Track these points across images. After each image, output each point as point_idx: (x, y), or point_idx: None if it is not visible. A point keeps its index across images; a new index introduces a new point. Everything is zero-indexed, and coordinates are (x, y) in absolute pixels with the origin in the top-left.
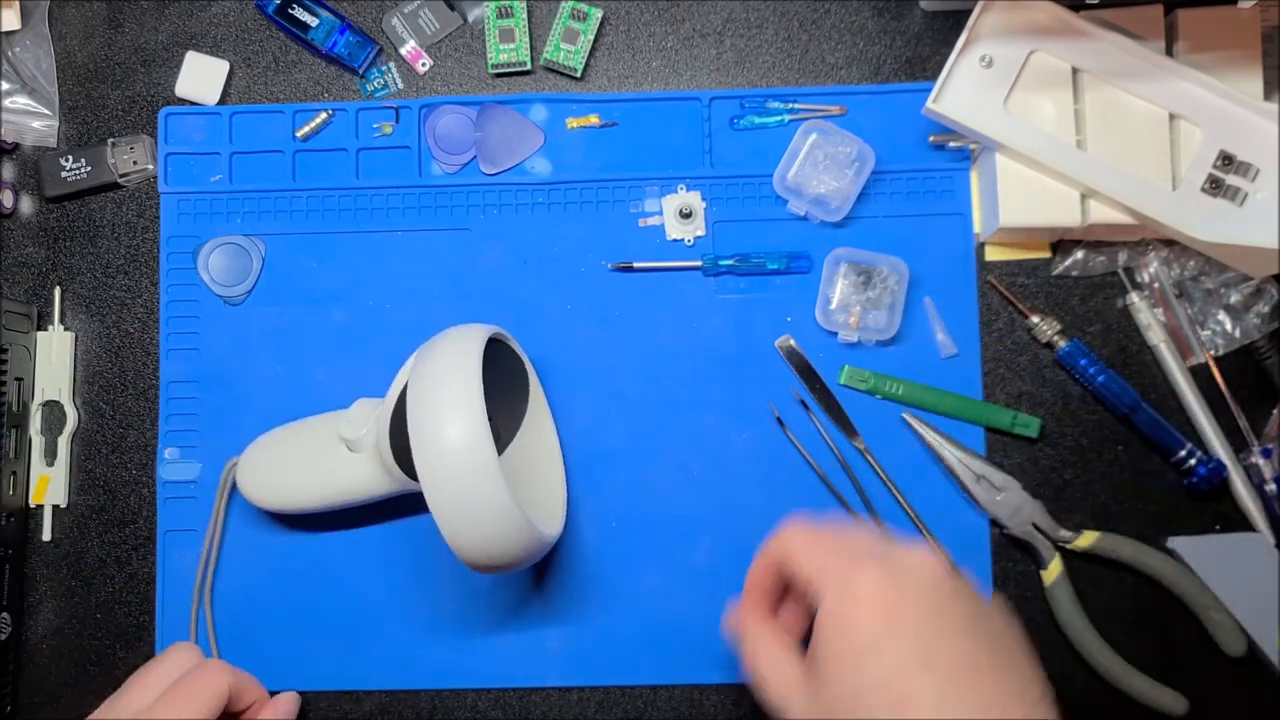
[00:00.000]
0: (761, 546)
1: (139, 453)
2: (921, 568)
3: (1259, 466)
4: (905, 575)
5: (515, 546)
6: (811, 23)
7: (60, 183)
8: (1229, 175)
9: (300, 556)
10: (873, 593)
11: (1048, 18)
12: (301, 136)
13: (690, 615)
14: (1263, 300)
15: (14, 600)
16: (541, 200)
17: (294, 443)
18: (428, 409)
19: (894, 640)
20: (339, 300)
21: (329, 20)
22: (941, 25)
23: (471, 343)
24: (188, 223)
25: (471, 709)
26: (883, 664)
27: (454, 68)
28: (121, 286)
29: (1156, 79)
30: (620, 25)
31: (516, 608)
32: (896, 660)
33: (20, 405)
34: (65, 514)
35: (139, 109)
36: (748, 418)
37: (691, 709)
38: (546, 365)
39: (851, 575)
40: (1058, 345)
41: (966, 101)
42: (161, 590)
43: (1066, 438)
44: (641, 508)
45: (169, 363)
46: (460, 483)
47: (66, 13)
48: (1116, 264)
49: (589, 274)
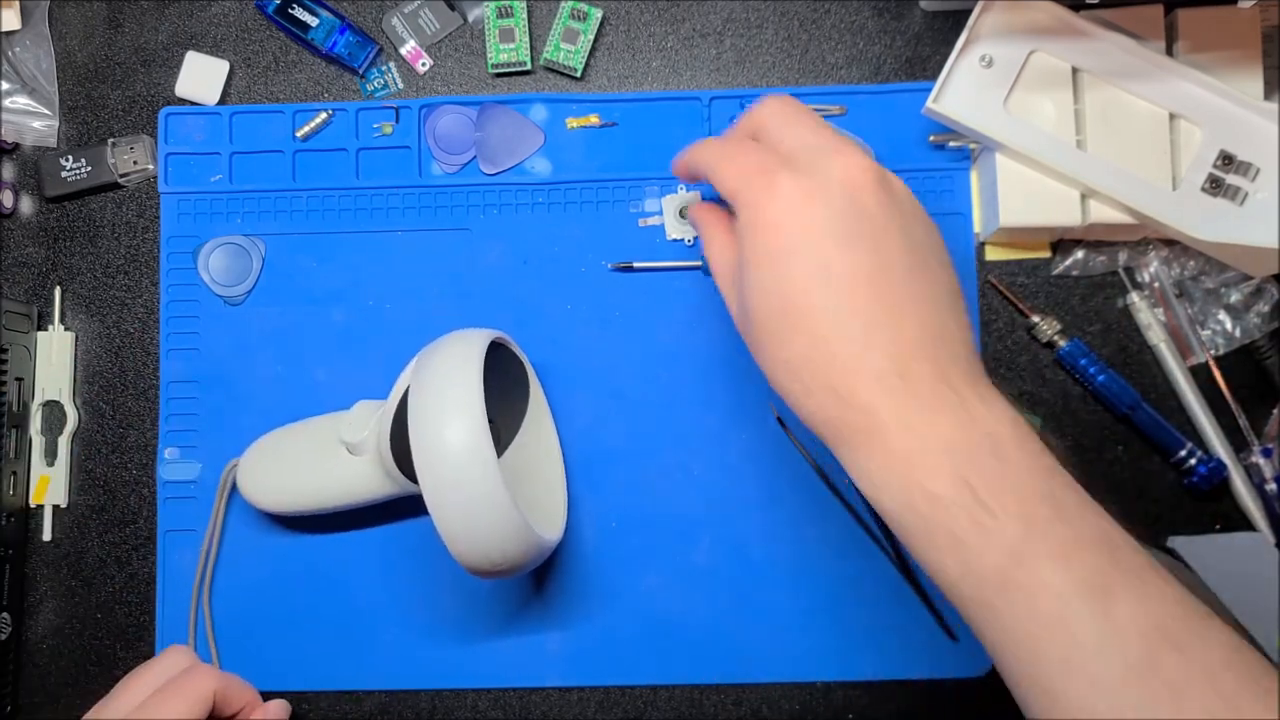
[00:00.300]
0: (684, 155)
1: (139, 453)
2: (841, 177)
3: (1259, 466)
4: (821, 185)
5: (515, 551)
6: (811, 23)
7: (60, 183)
8: (1229, 175)
9: (300, 557)
10: (782, 206)
11: (1048, 18)
12: (301, 136)
13: (690, 615)
14: (1263, 300)
15: (14, 600)
16: (541, 200)
17: (294, 444)
18: (428, 412)
19: (794, 253)
20: (339, 300)
21: (329, 20)
22: (941, 25)
23: (473, 347)
24: (188, 223)
25: (471, 709)
26: (783, 275)
27: (454, 68)
28: (121, 286)
29: (1156, 79)
30: (620, 25)
31: (516, 608)
32: (797, 271)
33: (20, 405)
34: (65, 514)
35: (139, 109)
36: (748, 418)
37: (691, 709)
38: (546, 365)
39: (765, 188)
40: (1058, 345)
41: (966, 101)
42: (161, 590)
43: (1066, 438)
44: (641, 508)
45: (169, 363)
46: (460, 486)
47: (66, 13)
48: (1116, 264)
49: (589, 274)
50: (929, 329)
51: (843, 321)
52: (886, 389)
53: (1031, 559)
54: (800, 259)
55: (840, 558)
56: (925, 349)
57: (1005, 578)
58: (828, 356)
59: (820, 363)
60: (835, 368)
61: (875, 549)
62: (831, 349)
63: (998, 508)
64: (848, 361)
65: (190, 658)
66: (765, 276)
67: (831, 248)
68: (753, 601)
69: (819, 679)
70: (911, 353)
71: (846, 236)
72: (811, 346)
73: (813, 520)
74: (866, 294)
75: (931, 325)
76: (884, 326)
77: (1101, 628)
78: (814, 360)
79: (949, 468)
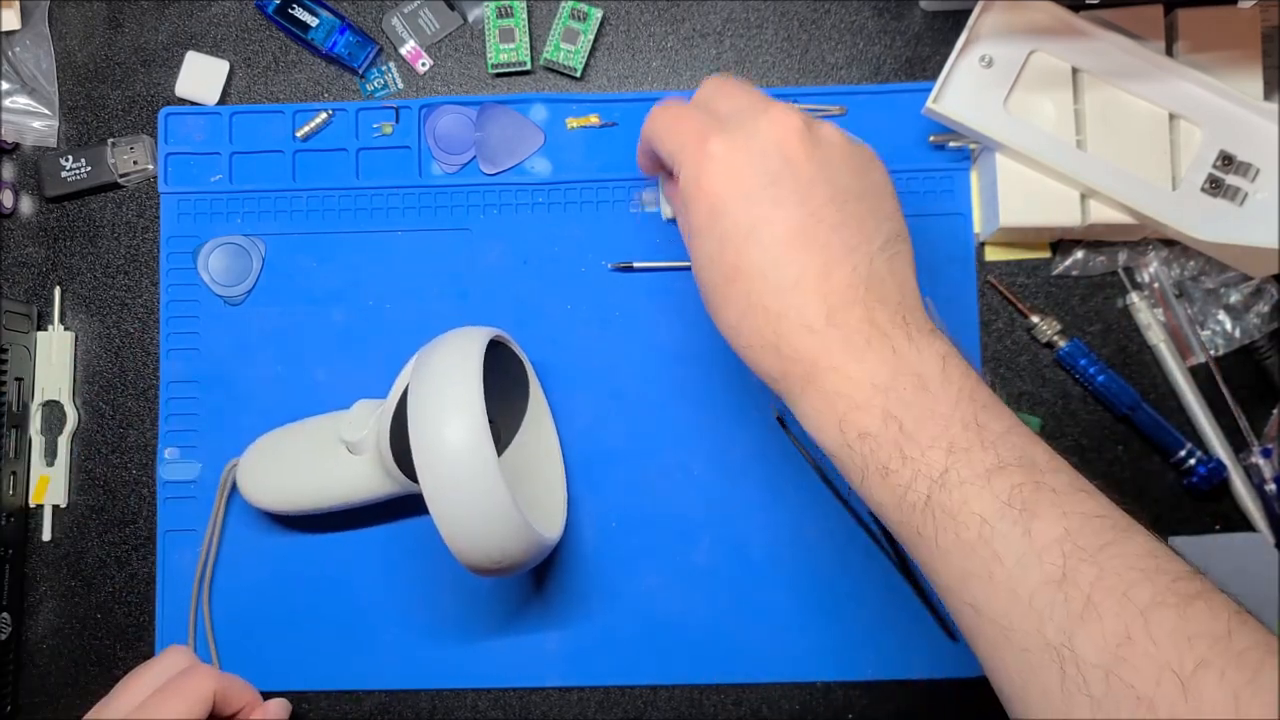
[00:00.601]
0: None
1: (139, 453)
2: (768, 133)
3: (1259, 466)
4: (748, 143)
5: (514, 549)
6: (811, 23)
7: (60, 183)
8: (1229, 175)
9: (300, 557)
10: (715, 167)
11: (1048, 18)
12: (301, 136)
13: (690, 615)
14: (1263, 300)
15: (14, 600)
16: (541, 200)
17: (294, 444)
18: (428, 410)
19: (726, 214)
20: (339, 300)
21: (329, 20)
22: (941, 25)
23: (472, 345)
24: (188, 223)
25: (471, 709)
26: (720, 238)
27: (454, 68)
28: (121, 286)
29: (1156, 79)
30: (620, 25)
31: (516, 608)
32: (730, 231)
33: (20, 405)
34: (65, 514)
35: (139, 109)
36: (748, 418)
37: (691, 709)
38: (546, 365)
39: (698, 151)
40: (1058, 345)
41: (966, 101)
42: (161, 590)
43: (1066, 438)
44: (641, 508)
45: (169, 363)
46: (460, 484)
47: (66, 13)
48: (1116, 264)
49: (589, 274)
50: (859, 275)
51: (774, 276)
52: (817, 335)
53: (955, 484)
54: (732, 219)
55: (840, 558)
56: (854, 294)
57: (932, 503)
58: (763, 312)
59: (759, 319)
60: (771, 322)
61: (875, 549)
62: (766, 304)
63: (922, 438)
64: (781, 314)
65: (190, 658)
66: (706, 241)
67: (761, 205)
68: (753, 601)
69: (819, 679)
70: (840, 299)
71: (775, 191)
72: (749, 305)
73: (813, 520)
74: (795, 247)
75: (861, 271)
76: (813, 277)
77: (1020, 544)
78: (753, 317)
79: (878, 405)
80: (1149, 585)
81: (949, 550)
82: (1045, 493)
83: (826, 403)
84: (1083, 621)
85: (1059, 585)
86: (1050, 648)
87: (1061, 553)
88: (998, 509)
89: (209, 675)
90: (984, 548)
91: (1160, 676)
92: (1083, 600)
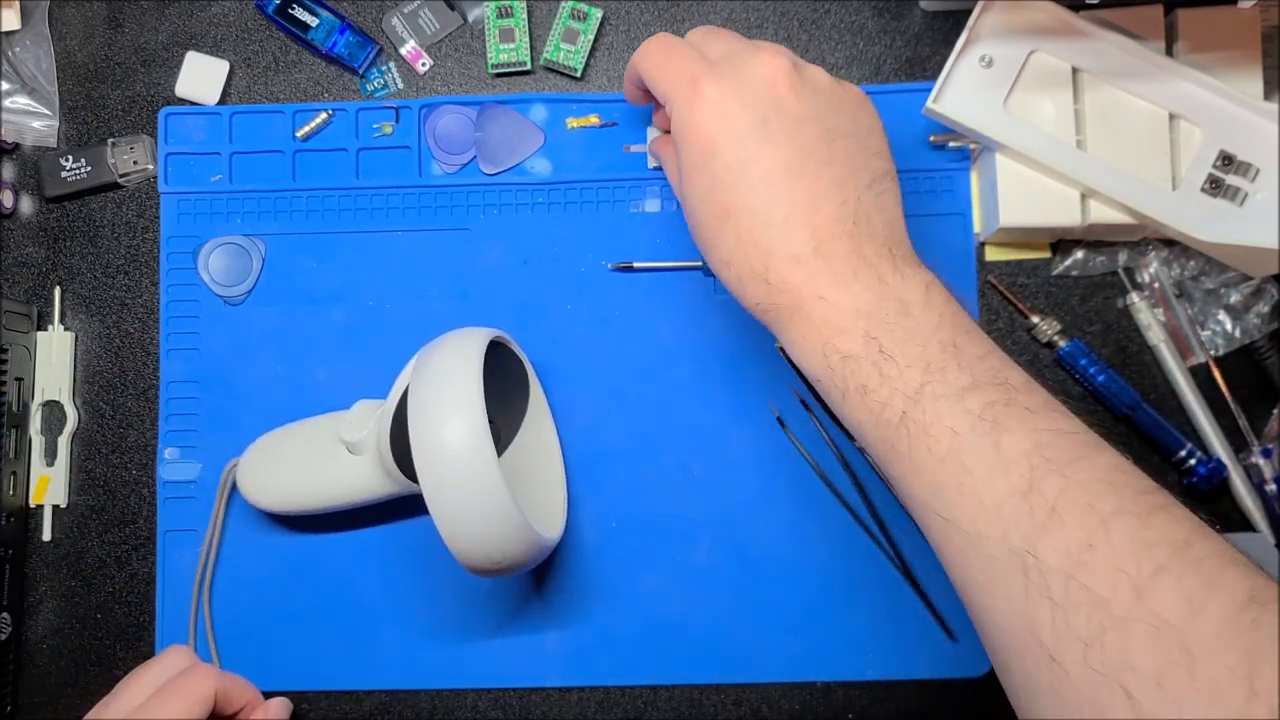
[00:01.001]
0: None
1: (139, 453)
2: (759, 74)
3: (1259, 466)
4: (739, 84)
5: (515, 549)
6: (811, 23)
7: (60, 183)
8: (1229, 175)
9: (300, 557)
10: (707, 110)
11: (1048, 18)
12: (301, 136)
13: (690, 615)
14: (1263, 300)
15: (14, 600)
16: (541, 200)
17: (294, 444)
18: (428, 410)
19: (718, 153)
20: (339, 300)
21: (329, 20)
22: (941, 25)
23: (473, 345)
24: (188, 223)
25: (471, 709)
26: (712, 176)
27: (454, 68)
28: (121, 286)
29: (1156, 79)
30: (620, 25)
31: (516, 608)
32: (721, 170)
33: (20, 405)
34: (65, 514)
35: (139, 109)
36: (748, 418)
37: (691, 709)
38: (546, 365)
39: (691, 93)
40: (1058, 345)
41: (966, 101)
42: (161, 590)
43: None
44: (641, 508)
45: (169, 363)
46: (460, 485)
47: (66, 13)
48: (1116, 264)
49: (589, 274)
50: (847, 209)
51: (764, 212)
52: (804, 267)
53: (929, 400)
54: (723, 158)
55: (840, 558)
56: (842, 227)
57: (907, 419)
58: (753, 246)
59: (748, 253)
60: (760, 255)
61: (875, 549)
62: (755, 238)
63: (900, 358)
64: (770, 247)
65: (190, 658)
66: (698, 181)
67: (751, 144)
68: (753, 601)
69: (819, 679)
70: (828, 233)
71: (765, 131)
72: (739, 240)
73: (813, 520)
74: (785, 184)
75: (850, 206)
76: (801, 212)
77: (990, 457)
78: (743, 251)
79: (860, 329)
80: (1114, 496)
81: (921, 464)
82: (1017, 409)
83: (812, 329)
84: (1047, 530)
85: (1025, 496)
86: (1015, 554)
87: (1030, 465)
88: (969, 423)
89: (209, 675)
90: (954, 460)
91: (1117, 580)
92: (1047, 510)
